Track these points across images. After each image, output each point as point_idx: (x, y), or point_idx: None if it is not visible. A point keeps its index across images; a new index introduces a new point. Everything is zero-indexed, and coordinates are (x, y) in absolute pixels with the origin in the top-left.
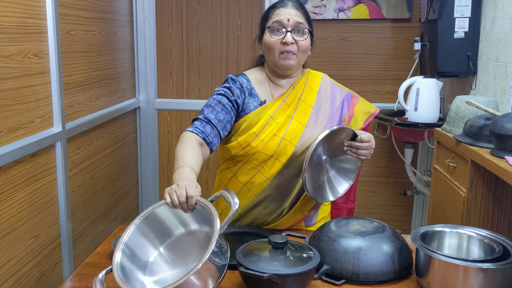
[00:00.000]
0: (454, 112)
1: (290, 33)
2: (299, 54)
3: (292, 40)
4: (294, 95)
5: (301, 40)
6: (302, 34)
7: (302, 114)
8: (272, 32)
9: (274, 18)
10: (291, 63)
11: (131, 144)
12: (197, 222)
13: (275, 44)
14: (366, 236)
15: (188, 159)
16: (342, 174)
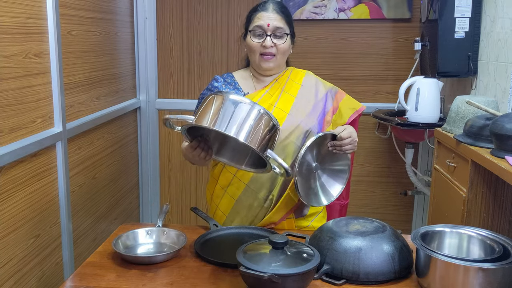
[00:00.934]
0: (454, 112)
1: (269, 37)
2: (278, 56)
3: (272, 44)
4: (277, 87)
5: (280, 44)
6: (281, 37)
7: (285, 103)
8: (254, 36)
9: (256, 22)
10: (271, 65)
11: (132, 144)
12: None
13: (256, 47)
14: (367, 236)
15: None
16: (334, 176)
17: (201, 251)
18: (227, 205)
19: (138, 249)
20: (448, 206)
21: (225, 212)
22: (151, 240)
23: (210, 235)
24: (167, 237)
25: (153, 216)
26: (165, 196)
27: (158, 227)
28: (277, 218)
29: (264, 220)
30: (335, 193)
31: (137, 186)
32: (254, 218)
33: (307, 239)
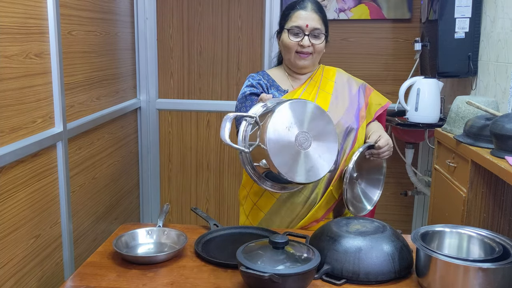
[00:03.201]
0: (454, 112)
1: (307, 36)
2: (314, 55)
3: (309, 43)
4: (313, 85)
5: (317, 44)
6: (318, 38)
7: (323, 101)
8: (291, 34)
9: (294, 21)
10: (306, 63)
11: (132, 144)
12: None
13: (293, 46)
14: (367, 236)
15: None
16: (372, 181)
17: (201, 251)
18: (266, 203)
19: (138, 249)
20: (448, 206)
21: (264, 210)
22: (152, 240)
23: (211, 235)
24: (167, 237)
25: (153, 216)
26: (165, 196)
27: (159, 227)
28: (320, 215)
29: (308, 218)
30: (375, 197)
31: (137, 186)
32: (295, 217)
33: (307, 239)
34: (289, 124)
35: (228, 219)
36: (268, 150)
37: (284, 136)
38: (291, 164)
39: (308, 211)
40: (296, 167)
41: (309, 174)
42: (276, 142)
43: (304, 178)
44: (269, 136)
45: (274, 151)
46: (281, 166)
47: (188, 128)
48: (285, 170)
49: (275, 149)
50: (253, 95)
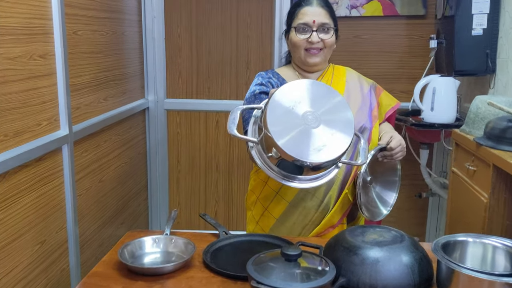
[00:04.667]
0: (473, 113)
1: (316, 32)
2: (325, 50)
3: (318, 39)
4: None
5: (327, 38)
6: (328, 32)
7: None
8: (298, 32)
9: (300, 18)
10: (317, 60)
11: (140, 145)
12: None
13: (301, 43)
14: (384, 246)
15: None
16: (387, 184)
17: (210, 261)
18: (278, 208)
19: (144, 258)
20: (468, 212)
21: (276, 215)
22: (158, 249)
23: (220, 243)
24: (174, 246)
25: (162, 219)
26: (174, 199)
27: (166, 235)
28: (336, 220)
29: (323, 224)
30: (391, 201)
31: (145, 189)
32: (308, 222)
33: (321, 250)
34: (293, 104)
35: (238, 221)
36: (271, 132)
37: (288, 116)
38: (300, 144)
39: (322, 216)
40: (307, 147)
41: (322, 153)
42: (279, 122)
43: (317, 157)
44: (271, 117)
45: (278, 132)
46: (288, 146)
47: (197, 128)
48: (293, 151)
49: (279, 130)
50: (263, 94)
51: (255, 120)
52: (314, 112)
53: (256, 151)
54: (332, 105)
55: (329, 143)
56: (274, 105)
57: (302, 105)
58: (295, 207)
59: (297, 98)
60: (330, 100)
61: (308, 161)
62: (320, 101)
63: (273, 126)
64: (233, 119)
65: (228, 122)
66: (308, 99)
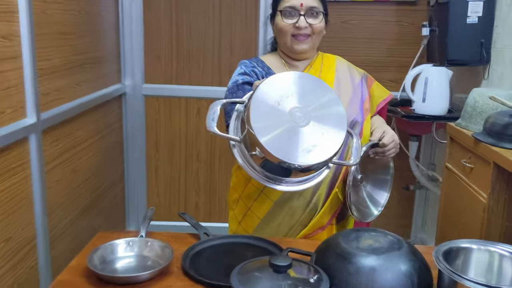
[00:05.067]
0: (470, 106)
1: (303, 16)
2: (314, 36)
3: (306, 24)
4: (313, 74)
5: (315, 24)
6: (316, 16)
7: None
8: (285, 16)
9: (287, 1)
10: (305, 47)
11: (116, 133)
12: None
13: (288, 28)
14: (381, 254)
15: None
16: (378, 183)
17: (189, 267)
18: (262, 208)
19: (117, 264)
20: (465, 212)
21: (260, 216)
22: (132, 253)
23: (200, 246)
24: (150, 250)
25: (140, 210)
26: (152, 189)
27: (141, 237)
28: (325, 221)
29: (311, 225)
30: (383, 201)
31: (122, 179)
32: (295, 223)
33: (312, 258)
34: (279, 99)
35: (220, 213)
36: (255, 129)
37: (273, 112)
38: (287, 144)
39: (310, 216)
40: (295, 147)
41: (311, 155)
42: (263, 119)
43: (306, 159)
44: (255, 113)
45: (262, 130)
46: (273, 147)
47: (176, 115)
48: (279, 152)
49: (264, 128)
50: (247, 85)
51: (238, 115)
52: (303, 108)
53: (238, 149)
54: (323, 101)
55: (319, 143)
56: (258, 100)
57: (289, 100)
58: (280, 207)
59: (284, 93)
60: (321, 95)
61: (297, 163)
62: (309, 96)
63: (256, 123)
64: (213, 115)
65: (207, 118)
66: (296, 94)
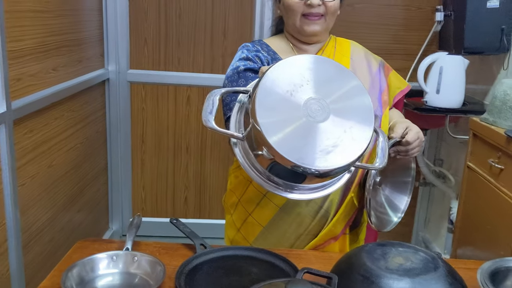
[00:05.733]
0: (500, 100)
1: None
2: (327, 17)
3: (319, 2)
4: None
5: (329, 2)
6: None
7: None
8: None
9: None
10: (317, 28)
11: (99, 123)
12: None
13: (298, 6)
14: (416, 276)
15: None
16: (398, 186)
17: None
18: (266, 214)
19: (97, 283)
20: (490, 217)
21: (262, 223)
22: (116, 270)
23: (196, 261)
24: (138, 266)
25: (124, 205)
26: (138, 183)
27: (127, 251)
28: (339, 230)
29: (323, 235)
30: (403, 206)
31: (105, 171)
32: (303, 232)
33: (334, 282)
34: (292, 88)
35: (211, 210)
36: (261, 126)
37: (285, 104)
38: (301, 144)
39: (321, 225)
40: (311, 148)
41: (331, 157)
42: (273, 112)
43: (325, 162)
44: (262, 105)
45: (270, 127)
46: (284, 147)
47: (164, 104)
48: (293, 153)
49: (273, 124)
50: (249, 72)
51: (240, 107)
52: (321, 99)
53: (240, 148)
54: (345, 90)
55: (341, 143)
56: (265, 89)
57: (304, 90)
58: (287, 214)
59: (297, 80)
60: (342, 83)
61: (313, 167)
62: (328, 85)
63: (264, 118)
64: (211, 107)
65: (203, 111)
66: (313, 82)
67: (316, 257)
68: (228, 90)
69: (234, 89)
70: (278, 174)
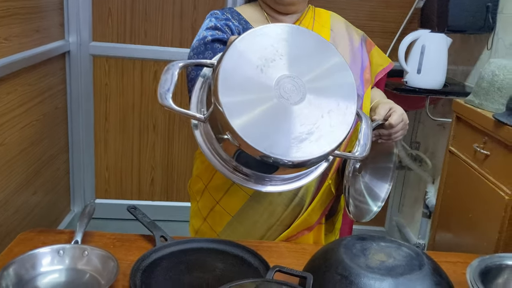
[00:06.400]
0: (487, 81)
1: None
2: None
3: None
4: None
5: None
6: None
7: None
8: None
9: None
10: None
11: (58, 98)
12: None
13: None
14: (399, 276)
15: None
16: (378, 172)
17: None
18: (235, 202)
19: (38, 282)
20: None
21: (231, 212)
22: (61, 266)
23: (155, 255)
24: (87, 262)
25: (87, 187)
26: (101, 163)
27: (76, 244)
28: (315, 220)
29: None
30: (383, 194)
31: (65, 150)
32: (276, 222)
33: (309, 281)
34: (263, 62)
35: (178, 192)
36: (224, 106)
37: (253, 81)
38: (271, 130)
39: (295, 214)
40: (283, 135)
41: (307, 146)
42: (239, 91)
43: (300, 152)
44: (226, 82)
45: (235, 108)
46: (251, 133)
47: (130, 80)
48: (261, 141)
49: (238, 105)
50: (218, 43)
51: (204, 83)
52: (296, 77)
53: (202, 132)
54: (325, 68)
55: (318, 130)
56: (231, 62)
57: (276, 66)
58: (258, 202)
59: (269, 54)
60: (322, 58)
61: (286, 158)
62: (305, 60)
63: (228, 97)
64: (169, 83)
65: (159, 87)
66: (287, 56)
67: (289, 249)
68: (190, 63)
69: (196, 61)
70: (246, 163)
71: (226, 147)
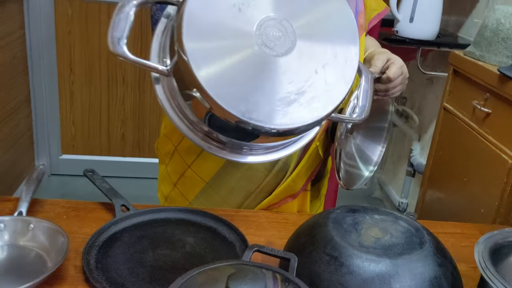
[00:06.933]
0: (491, 30)
1: None
2: None
3: None
4: None
5: None
6: None
7: None
8: None
9: None
10: None
11: (17, 46)
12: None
13: None
14: (398, 257)
15: None
16: (371, 133)
17: (95, 268)
18: (210, 167)
19: None
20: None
21: (205, 178)
22: (1, 243)
23: (114, 229)
24: (32, 237)
25: (52, 142)
26: (66, 117)
27: (20, 216)
28: (299, 187)
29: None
30: (376, 157)
31: (27, 103)
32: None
33: (293, 263)
34: (239, 0)
35: (150, 147)
36: (189, 54)
37: (228, 24)
38: (250, 88)
39: (278, 180)
40: (265, 94)
41: (295, 110)
42: (207, 36)
43: (285, 118)
44: (192, 24)
45: (203, 57)
46: (223, 91)
47: (96, 26)
48: (236, 103)
49: (207, 53)
50: None
51: (167, 26)
52: (283, 20)
53: (165, 87)
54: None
55: (310, 89)
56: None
57: (259, 5)
58: (235, 167)
59: None
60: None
61: (268, 126)
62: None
63: (194, 42)
64: (122, 25)
65: (109, 30)
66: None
67: (269, 219)
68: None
69: None
70: (219, 128)
71: (194, 107)
